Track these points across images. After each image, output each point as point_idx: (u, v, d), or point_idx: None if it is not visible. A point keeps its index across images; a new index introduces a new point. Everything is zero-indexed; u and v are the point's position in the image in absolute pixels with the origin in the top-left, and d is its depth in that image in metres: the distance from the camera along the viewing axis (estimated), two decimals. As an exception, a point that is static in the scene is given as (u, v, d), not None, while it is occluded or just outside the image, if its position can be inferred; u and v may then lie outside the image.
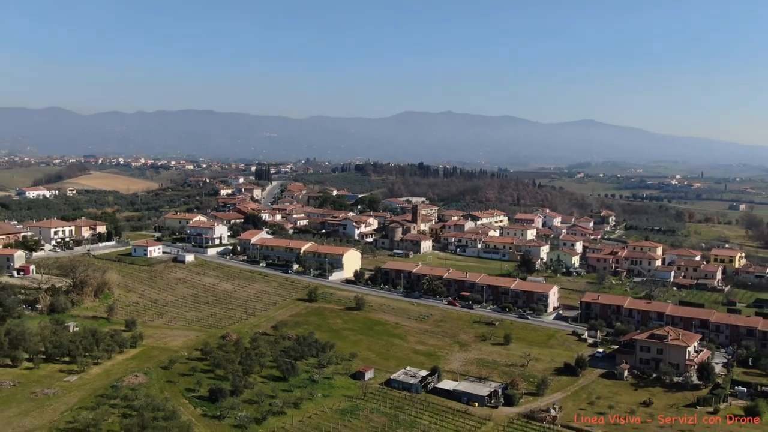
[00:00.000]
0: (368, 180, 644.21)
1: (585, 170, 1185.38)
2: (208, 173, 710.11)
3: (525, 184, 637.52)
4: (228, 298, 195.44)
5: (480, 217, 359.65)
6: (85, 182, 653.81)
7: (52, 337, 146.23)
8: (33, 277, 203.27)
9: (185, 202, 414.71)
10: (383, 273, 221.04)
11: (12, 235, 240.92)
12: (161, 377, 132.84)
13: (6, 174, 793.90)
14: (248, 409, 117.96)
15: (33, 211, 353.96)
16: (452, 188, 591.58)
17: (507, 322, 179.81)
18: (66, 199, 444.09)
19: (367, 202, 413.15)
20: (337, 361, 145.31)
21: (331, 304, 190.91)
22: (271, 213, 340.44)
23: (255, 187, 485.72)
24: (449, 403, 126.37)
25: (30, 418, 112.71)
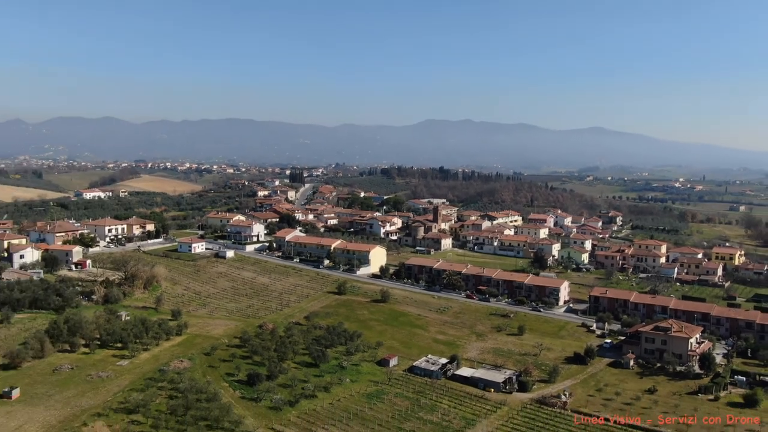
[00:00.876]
0: (393, 183, 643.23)
1: (594, 174, 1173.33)
2: (246, 176, 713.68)
3: (538, 186, 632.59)
4: (264, 291, 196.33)
5: (496, 217, 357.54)
6: (136, 185, 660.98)
7: (106, 326, 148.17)
8: (89, 270, 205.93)
9: (226, 202, 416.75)
10: (406, 268, 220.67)
11: (71, 233, 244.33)
12: (204, 363, 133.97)
13: (66, 177, 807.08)
14: (282, 393, 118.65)
15: (89, 211, 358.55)
16: (470, 190, 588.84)
17: (521, 314, 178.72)
18: (119, 200, 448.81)
19: (392, 203, 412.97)
20: (364, 349, 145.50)
21: (359, 297, 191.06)
22: (304, 213, 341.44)
23: (289, 189, 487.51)
24: (467, 389, 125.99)
25: (86, 398, 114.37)
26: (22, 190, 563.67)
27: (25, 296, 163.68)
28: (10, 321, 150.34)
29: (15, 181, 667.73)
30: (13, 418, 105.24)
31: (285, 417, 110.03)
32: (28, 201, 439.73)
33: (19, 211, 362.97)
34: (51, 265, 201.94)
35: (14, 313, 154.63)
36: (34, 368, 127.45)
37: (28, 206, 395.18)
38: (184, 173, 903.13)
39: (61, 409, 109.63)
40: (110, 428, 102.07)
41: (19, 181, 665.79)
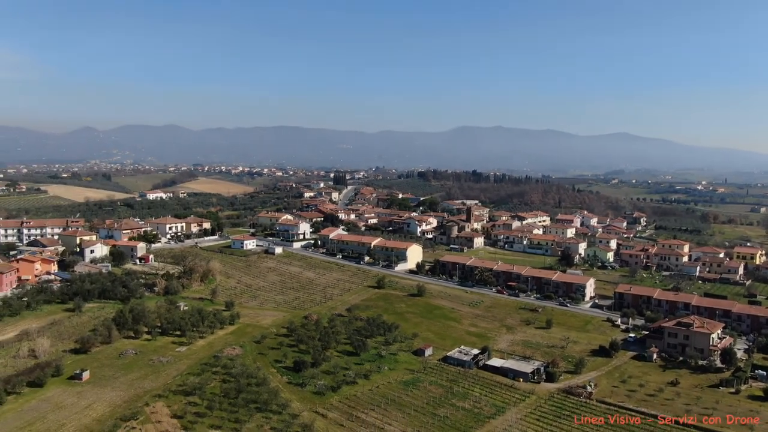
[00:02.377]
0: (429, 185, 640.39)
1: (619, 177, 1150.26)
2: (294, 179, 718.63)
3: (565, 188, 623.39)
4: (310, 285, 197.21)
5: (525, 218, 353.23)
6: (194, 186, 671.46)
7: (167, 315, 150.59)
8: (152, 264, 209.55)
9: (275, 203, 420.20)
10: (441, 265, 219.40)
11: (135, 230, 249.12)
12: (254, 350, 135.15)
13: (131, 180, 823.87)
14: (326, 379, 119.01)
15: (152, 210, 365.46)
16: (501, 192, 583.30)
17: (548, 309, 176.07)
18: (178, 200, 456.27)
19: (428, 203, 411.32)
20: (401, 339, 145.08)
21: (397, 291, 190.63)
22: (346, 213, 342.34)
23: (333, 191, 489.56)
24: (497, 378, 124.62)
25: (148, 381, 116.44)
26: (92, 191, 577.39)
27: (94, 287, 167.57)
28: (81, 310, 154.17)
29: (87, 183, 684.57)
30: (83, 398, 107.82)
31: (328, 401, 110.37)
32: (98, 201, 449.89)
33: (90, 210, 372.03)
34: (118, 260, 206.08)
35: (85, 303, 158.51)
36: (102, 353, 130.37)
37: (98, 206, 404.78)
38: (238, 176, 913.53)
39: (125, 390, 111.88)
40: (169, 409, 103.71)
41: (90, 183, 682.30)
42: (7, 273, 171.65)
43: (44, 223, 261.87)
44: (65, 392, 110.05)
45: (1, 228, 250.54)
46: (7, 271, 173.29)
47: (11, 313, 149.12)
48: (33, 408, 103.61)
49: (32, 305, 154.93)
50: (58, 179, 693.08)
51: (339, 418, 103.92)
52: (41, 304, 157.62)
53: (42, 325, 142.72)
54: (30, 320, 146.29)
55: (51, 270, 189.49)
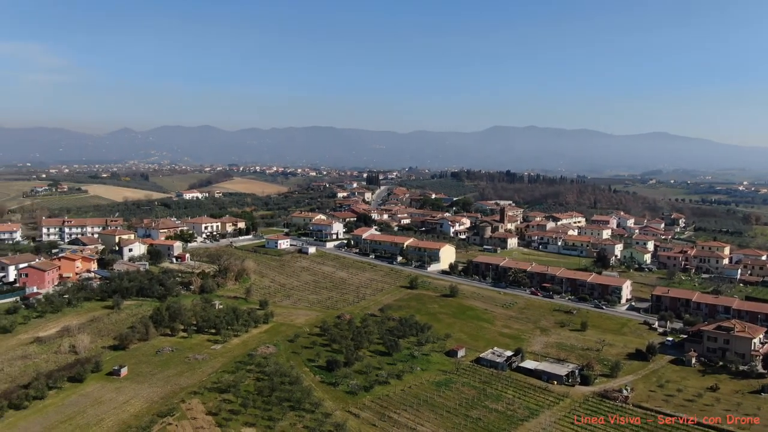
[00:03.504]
0: (462, 185, 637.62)
1: (657, 177, 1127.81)
2: (327, 179, 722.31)
3: (601, 189, 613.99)
4: (343, 284, 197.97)
5: (560, 218, 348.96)
6: (229, 186, 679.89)
7: (202, 313, 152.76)
8: (188, 263, 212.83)
9: (309, 203, 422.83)
10: (474, 265, 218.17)
11: (172, 229, 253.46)
12: (287, 349, 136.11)
13: (168, 179, 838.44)
14: (358, 378, 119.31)
15: (188, 210, 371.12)
16: (535, 193, 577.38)
17: (583, 311, 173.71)
18: (214, 200, 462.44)
19: (461, 204, 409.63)
20: (433, 340, 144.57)
21: (429, 291, 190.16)
22: (379, 213, 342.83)
23: (366, 191, 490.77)
24: (531, 381, 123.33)
25: (184, 377, 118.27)
26: (131, 191, 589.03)
27: (132, 285, 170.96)
28: (120, 307, 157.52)
29: (125, 183, 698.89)
30: (121, 393, 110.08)
31: (360, 401, 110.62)
32: (136, 201, 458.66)
33: (128, 209, 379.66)
34: (155, 258, 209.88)
35: (123, 300, 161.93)
36: (140, 349, 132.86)
37: (136, 205, 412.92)
38: (272, 176, 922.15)
39: (162, 386, 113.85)
40: (205, 406, 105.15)
41: (128, 183, 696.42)
42: (49, 271, 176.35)
43: (85, 222, 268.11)
44: (104, 387, 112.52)
45: (44, 227, 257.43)
46: (50, 268, 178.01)
47: (53, 309, 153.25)
48: (73, 402, 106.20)
49: (73, 302, 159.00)
50: (98, 179, 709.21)
51: (371, 418, 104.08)
52: (81, 301, 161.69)
53: (82, 321, 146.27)
54: (71, 317, 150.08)
55: (91, 268, 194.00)
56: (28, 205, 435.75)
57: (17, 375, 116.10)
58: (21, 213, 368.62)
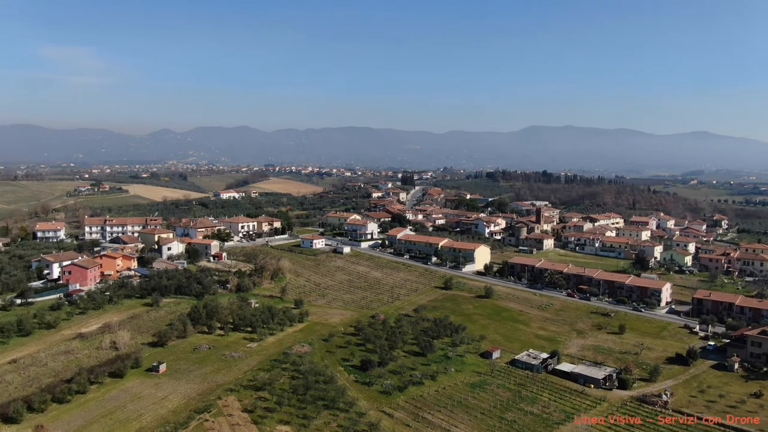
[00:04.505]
0: (497, 185, 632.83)
1: (698, 177, 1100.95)
2: (362, 179, 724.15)
3: (640, 189, 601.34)
4: (377, 284, 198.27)
5: (598, 219, 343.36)
6: (265, 186, 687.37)
7: (238, 311, 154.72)
8: (225, 262, 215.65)
9: (344, 203, 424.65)
10: (509, 266, 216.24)
11: (209, 229, 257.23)
12: (322, 348, 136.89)
13: (206, 179, 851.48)
14: (392, 378, 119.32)
15: (225, 210, 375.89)
16: (572, 193, 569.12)
17: (621, 313, 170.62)
18: (250, 199, 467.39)
19: (496, 204, 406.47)
20: (468, 341, 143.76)
21: (464, 292, 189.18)
22: (413, 213, 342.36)
23: (401, 191, 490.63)
24: (567, 384, 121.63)
25: (221, 375, 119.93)
26: (170, 190, 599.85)
27: (171, 283, 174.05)
28: (159, 304, 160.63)
29: (164, 183, 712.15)
30: (160, 389, 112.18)
31: (394, 401, 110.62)
32: (174, 200, 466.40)
33: (167, 209, 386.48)
34: (193, 257, 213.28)
35: (162, 298, 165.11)
36: (178, 346, 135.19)
37: (175, 205, 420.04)
38: (307, 176, 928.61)
39: (199, 383, 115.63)
40: (241, 403, 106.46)
41: (167, 183, 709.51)
42: (91, 268, 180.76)
43: (125, 221, 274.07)
44: (143, 383, 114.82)
45: (87, 226, 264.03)
46: (92, 266, 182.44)
47: (95, 306, 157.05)
48: (114, 397, 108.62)
49: (114, 299, 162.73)
50: (138, 179, 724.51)
51: (405, 418, 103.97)
52: (122, 298, 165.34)
53: (122, 318, 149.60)
54: (112, 314, 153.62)
55: (131, 266, 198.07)
56: (71, 204, 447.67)
57: (60, 369, 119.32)
58: (65, 212, 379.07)
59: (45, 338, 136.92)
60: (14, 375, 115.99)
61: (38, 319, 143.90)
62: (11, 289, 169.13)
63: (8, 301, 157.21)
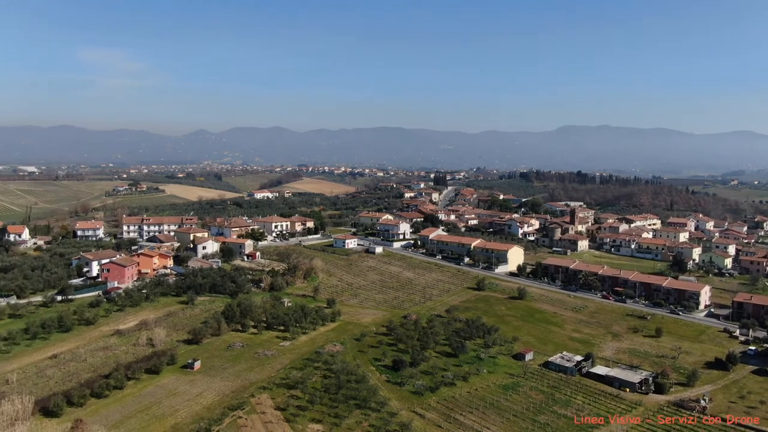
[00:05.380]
0: (531, 186, 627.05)
1: (739, 178, 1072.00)
2: (395, 179, 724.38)
3: (678, 190, 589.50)
4: (409, 285, 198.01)
5: (634, 220, 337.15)
6: (298, 186, 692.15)
7: (272, 310, 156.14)
8: (258, 261, 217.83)
9: (376, 203, 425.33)
10: (543, 268, 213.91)
11: (243, 228, 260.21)
12: (354, 347, 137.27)
13: (240, 179, 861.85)
14: (424, 379, 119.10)
15: (259, 209, 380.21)
16: (608, 194, 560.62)
17: (658, 316, 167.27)
18: (284, 199, 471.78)
19: (530, 205, 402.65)
20: (500, 342, 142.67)
21: (497, 293, 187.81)
22: (446, 213, 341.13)
23: (433, 191, 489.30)
24: (602, 387, 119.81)
25: (254, 372, 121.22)
26: (205, 190, 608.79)
27: (206, 282, 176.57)
28: (194, 303, 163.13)
29: (200, 183, 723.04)
30: (194, 386, 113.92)
31: (426, 401, 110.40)
32: (210, 200, 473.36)
33: (202, 208, 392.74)
34: (227, 256, 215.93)
35: (197, 296, 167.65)
36: (212, 344, 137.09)
37: (210, 204, 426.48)
38: (340, 176, 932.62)
39: (233, 380, 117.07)
40: (273, 401, 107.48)
41: (203, 183, 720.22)
42: (129, 266, 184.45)
43: (162, 220, 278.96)
44: (179, 380, 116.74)
45: (125, 224, 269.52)
46: (130, 264, 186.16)
47: (132, 303, 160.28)
48: (150, 393, 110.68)
49: (150, 297, 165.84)
50: (174, 179, 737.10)
51: (437, 419, 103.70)
52: (158, 296, 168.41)
53: (159, 315, 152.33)
54: (148, 311, 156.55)
55: (167, 264, 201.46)
56: (110, 203, 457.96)
57: (99, 365, 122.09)
58: (104, 211, 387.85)
59: (84, 334, 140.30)
60: (55, 370, 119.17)
61: (78, 316, 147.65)
62: (52, 286, 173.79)
63: (49, 298, 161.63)
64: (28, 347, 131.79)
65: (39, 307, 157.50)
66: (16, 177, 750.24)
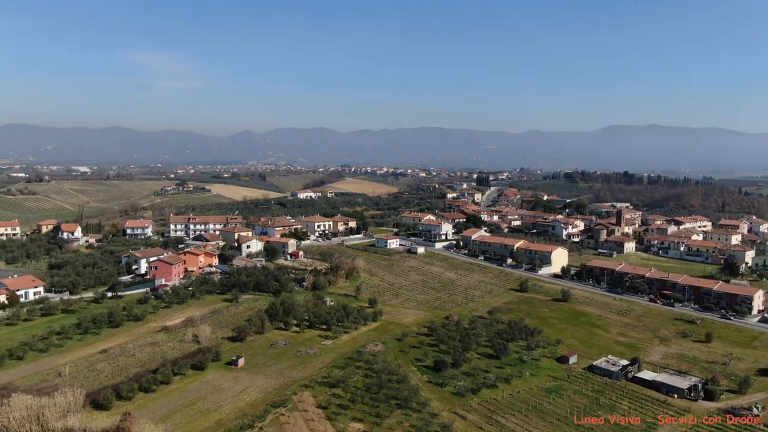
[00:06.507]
0: (576, 186, 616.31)
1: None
2: (437, 180, 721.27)
3: (730, 191, 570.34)
4: (451, 285, 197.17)
5: (683, 222, 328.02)
6: (341, 186, 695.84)
7: (314, 309, 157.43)
8: (301, 260, 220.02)
9: (418, 203, 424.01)
10: (588, 270, 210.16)
11: (287, 227, 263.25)
12: (395, 347, 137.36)
13: (284, 179, 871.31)
14: (465, 380, 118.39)
15: (302, 209, 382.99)
16: (656, 195, 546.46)
17: (708, 321, 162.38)
18: (326, 199, 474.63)
19: (575, 206, 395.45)
20: (543, 345, 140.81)
21: (540, 295, 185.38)
22: (488, 214, 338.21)
23: (476, 191, 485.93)
24: (648, 392, 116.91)
25: (296, 370, 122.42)
26: (249, 190, 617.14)
27: (250, 280, 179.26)
28: (238, 301, 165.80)
29: (244, 183, 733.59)
30: (238, 383, 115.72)
31: (467, 403, 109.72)
32: (254, 200, 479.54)
33: (247, 208, 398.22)
34: (271, 255, 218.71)
35: (241, 294, 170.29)
36: (256, 342, 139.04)
37: (254, 204, 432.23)
38: (382, 176, 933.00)
39: (275, 378, 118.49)
40: (315, 399, 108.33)
41: (247, 183, 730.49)
42: (176, 264, 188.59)
43: (207, 219, 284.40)
44: (223, 376, 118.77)
45: (172, 223, 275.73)
46: (176, 262, 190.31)
47: (178, 301, 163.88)
48: (195, 389, 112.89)
49: (196, 294, 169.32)
50: (220, 179, 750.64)
51: (478, 421, 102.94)
52: (204, 293, 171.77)
53: (204, 313, 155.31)
54: (194, 308, 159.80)
55: (212, 263, 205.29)
56: (158, 203, 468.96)
57: (146, 360, 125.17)
58: (152, 210, 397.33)
59: (133, 330, 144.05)
60: (105, 364, 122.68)
61: (127, 312, 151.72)
62: (103, 283, 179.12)
63: (100, 294, 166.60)
64: (80, 342, 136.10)
65: (90, 303, 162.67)
66: (69, 177, 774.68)
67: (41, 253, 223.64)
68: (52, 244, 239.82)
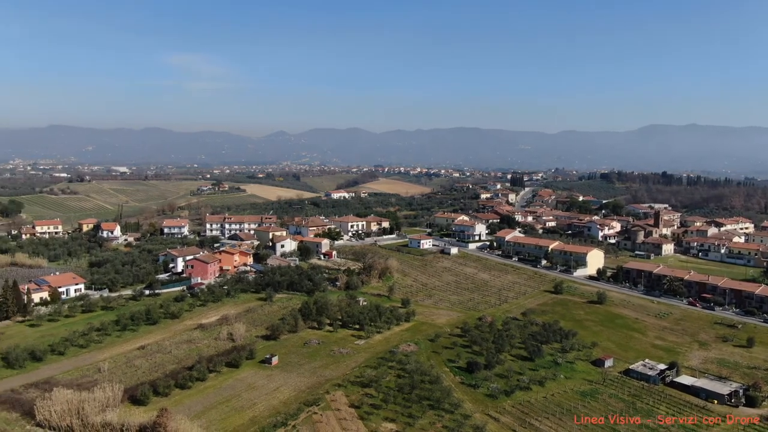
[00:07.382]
0: (612, 187, 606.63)
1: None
2: (471, 180, 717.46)
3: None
4: (484, 286, 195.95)
5: (724, 224, 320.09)
6: (374, 187, 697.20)
7: (347, 309, 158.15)
8: (334, 260, 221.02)
9: (451, 204, 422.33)
10: (624, 272, 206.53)
11: (320, 227, 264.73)
12: (428, 348, 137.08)
13: (318, 180, 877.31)
14: (499, 382, 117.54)
15: (336, 209, 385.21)
16: (695, 196, 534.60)
17: (750, 325, 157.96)
18: (360, 199, 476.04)
19: (611, 207, 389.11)
20: (578, 347, 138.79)
21: (575, 297, 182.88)
22: (523, 215, 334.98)
23: (510, 192, 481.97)
24: (687, 398, 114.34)
25: (329, 370, 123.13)
26: (283, 190, 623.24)
27: (284, 280, 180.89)
28: (272, 299, 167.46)
29: (279, 183, 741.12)
30: (272, 381, 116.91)
31: (500, 405, 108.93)
32: (288, 200, 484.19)
33: (281, 208, 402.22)
34: (304, 254, 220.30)
35: (275, 293, 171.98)
36: (289, 340, 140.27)
37: (288, 204, 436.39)
38: (416, 177, 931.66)
39: (309, 377, 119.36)
40: (348, 398, 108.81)
41: (281, 183, 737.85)
42: (211, 263, 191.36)
43: (242, 219, 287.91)
44: (257, 374, 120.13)
45: (208, 223, 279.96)
46: (212, 261, 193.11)
47: (214, 299, 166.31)
48: (230, 386, 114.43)
49: (231, 293, 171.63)
50: (255, 179, 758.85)
51: (511, 423, 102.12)
52: (238, 292, 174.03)
53: (239, 311, 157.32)
54: (229, 306, 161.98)
55: (247, 262, 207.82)
56: (194, 202, 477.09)
57: (183, 357, 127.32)
58: (188, 210, 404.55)
59: (170, 327, 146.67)
60: (142, 360, 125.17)
61: (164, 310, 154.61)
62: (141, 281, 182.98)
63: (138, 292, 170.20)
64: (119, 338, 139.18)
65: (129, 300, 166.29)
66: (109, 177, 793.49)
67: (82, 251, 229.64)
68: (93, 242, 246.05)
